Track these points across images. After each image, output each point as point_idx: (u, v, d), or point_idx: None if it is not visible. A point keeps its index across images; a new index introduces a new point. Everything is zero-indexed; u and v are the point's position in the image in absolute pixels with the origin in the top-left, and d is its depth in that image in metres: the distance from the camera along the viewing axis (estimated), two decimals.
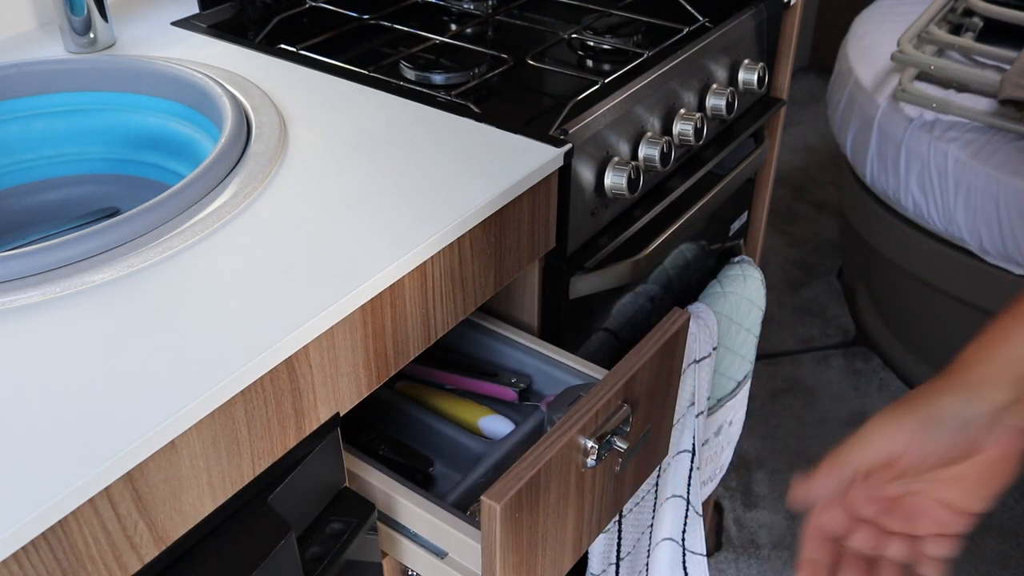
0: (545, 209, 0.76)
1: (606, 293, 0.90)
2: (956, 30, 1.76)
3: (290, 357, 0.55)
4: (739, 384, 1.07)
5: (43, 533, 0.44)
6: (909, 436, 0.55)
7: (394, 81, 0.85)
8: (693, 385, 0.92)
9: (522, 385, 0.82)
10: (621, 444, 0.69)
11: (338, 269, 0.59)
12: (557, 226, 0.79)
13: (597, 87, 0.85)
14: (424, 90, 0.83)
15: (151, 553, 0.51)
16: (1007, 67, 1.59)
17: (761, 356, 1.96)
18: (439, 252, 0.64)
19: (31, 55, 0.89)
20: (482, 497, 0.60)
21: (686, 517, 1.00)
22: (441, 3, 1.08)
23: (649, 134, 0.87)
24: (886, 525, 0.58)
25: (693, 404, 0.93)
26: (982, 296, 1.65)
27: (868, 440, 0.56)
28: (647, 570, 1.01)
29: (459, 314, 0.70)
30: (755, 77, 1.02)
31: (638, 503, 0.93)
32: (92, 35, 0.89)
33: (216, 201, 0.64)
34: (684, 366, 0.89)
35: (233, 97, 0.75)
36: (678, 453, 0.95)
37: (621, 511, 0.91)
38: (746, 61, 1.02)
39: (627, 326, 0.95)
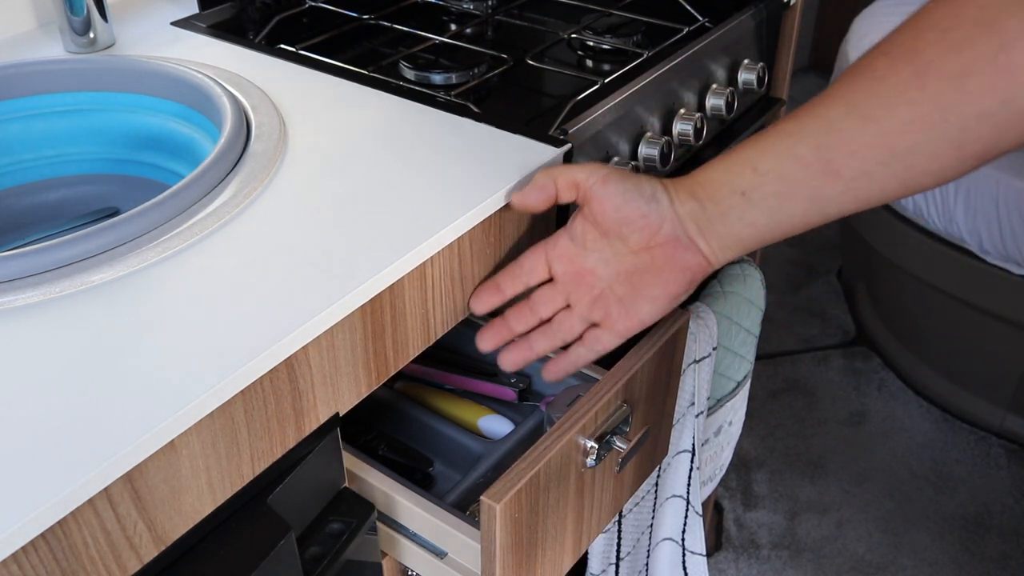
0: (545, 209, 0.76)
1: None
2: None
3: (290, 357, 0.55)
4: (739, 384, 1.07)
5: (42, 533, 0.44)
6: (619, 190, 0.64)
7: (394, 81, 0.85)
8: (693, 385, 0.92)
9: (522, 385, 0.82)
10: (621, 444, 0.69)
11: (338, 269, 0.59)
12: (557, 226, 0.79)
13: (597, 87, 0.85)
14: (424, 90, 0.83)
15: (151, 553, 0.51)
16: None
17: (761, 356, 1.96)
18: (439, 252, 0.64)
19: (31, 55, 0.89)
20: (482, 497, 0.60)
21: (686, 517, 1.00)
22: (441, 3, 1.08)
23: (649, 134, 0.87)
24: (569, 295, 0.69)
25: (693, 404, 0.93)
26: (982, 296, 1.65)
27: (588, 169, 0.66)
28: (647, 570, 1.01)
29: (459, 314, 0.70)
30: (755, 77, 1.02)
31: (638, 503, 0.93)
32: (92, 35, 0.89)
33: (216, 201, 0.64)
34: (684, 366, 0.89)
35: (233, 97, 0.75)
36: (678, 453, 0.95)
37: (621, 511, 0.91)
38: (746, 61, 1.02)
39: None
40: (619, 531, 0.92)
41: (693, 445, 0.95)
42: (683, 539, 1.01)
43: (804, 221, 0.62)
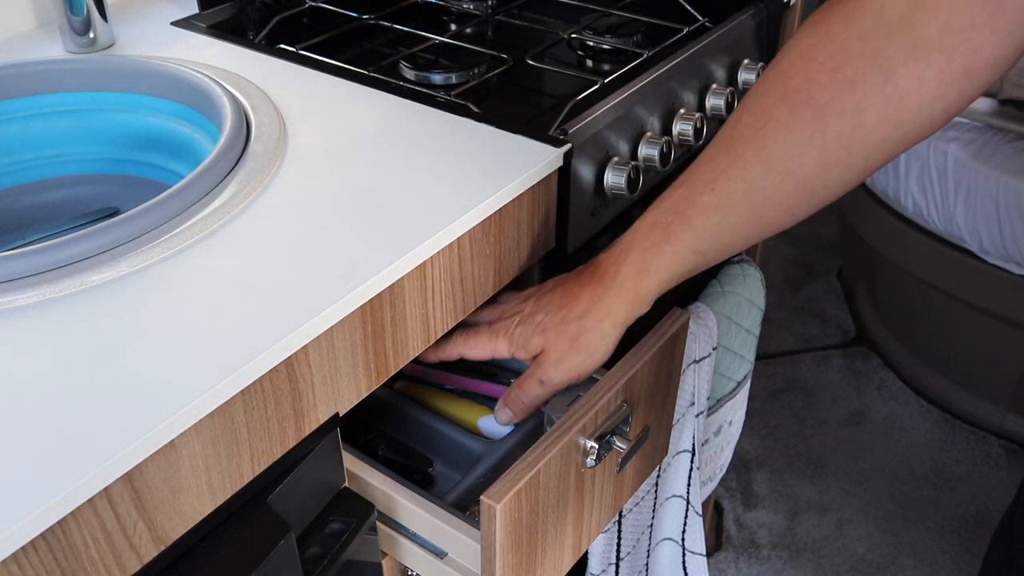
0: (545, 209, 0.76)
1: None
2: None
3: (289, 357, 0.55)
4: (739, 384, 1.07)
5: (42, 533, 0.44)
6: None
7: (394, 81, 0.85)
8: (693, 385, 0.92)
9: None
10: (621, 444, 0.69)
11: (337, 269, 0.59)
12: (557, 226, 0.79)
13: (597, 87, 0.85)
14: (424, 90, 0.83)
15: (150, 553, 0.51)
16: None
17: (761, 356, 1.96)
18: (439, 252, 0.64)
19: (31, 55, 0.89)
20: (481, 497, 0.60)
21: (686, 517, 1.00)
22: (441, 3, 1.08)
23: (649, 134, 0.87)
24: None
25: (693, 404, 0.93)
26: (982, 296, 1.65)
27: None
28: (647, 570, 1.01)
29: (459, 314, 0.70)
30: (755, 77, 1.02)
31: (638, 503, 0.93)
32: (92, 35, 0.89)
33: (216, 201, 0.64)
34: (684, 366, 0.89)
35: (233, 97, 0.75)
36: (678, 453, 0.94)
37: (621, 511, 0.91)
38: (746, 61, 1.02)
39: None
40: (619, 531, 0.92)
41: (693, 445, 0.95)
42: (683, 539, 1.01)
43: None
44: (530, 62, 0.92)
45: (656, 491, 0.95)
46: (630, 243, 0.68)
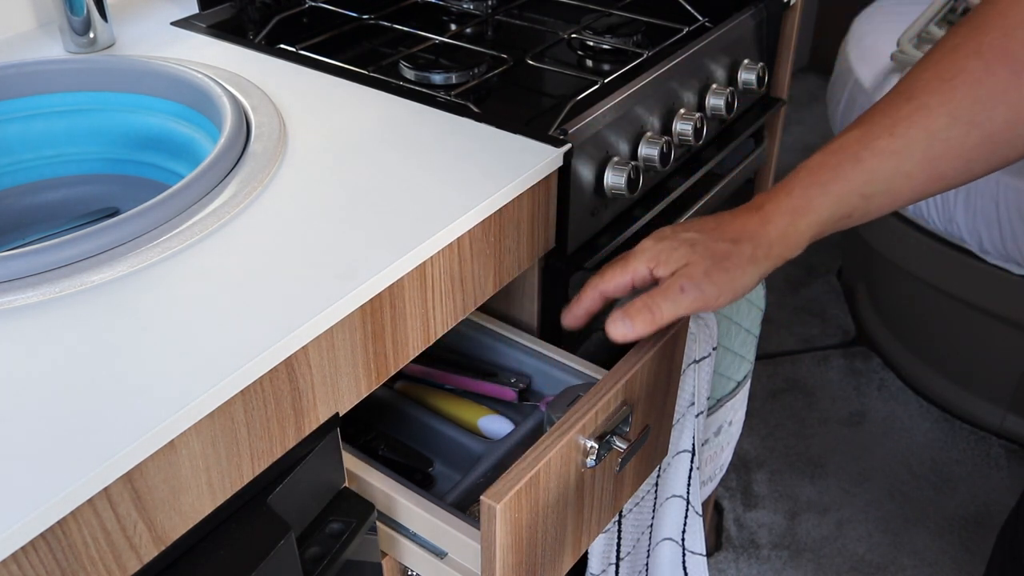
0: (545, 209, 0.76)
1: None
2: None
3: (289, 357, 0.55)
4: (739, 384, 1.07)
5: (42, 533, 0.44)
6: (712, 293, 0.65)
7: (394, 81, 0.85)
8: (693, 385, 0.92)
9: (521, 385, 0.82)
10: (620, 444, 0.69)
11: (337, 269, 0.59)
12: (557, 226, 0.79)
13: (597, 87, 0.85)
14: (424, 90, 0.83)
15: (150, 553, 0.51)
16: None
17: (761, 356, 1.96)
18: (439, 252, 0.64)
19: (31, 55, 0.89)
20: (481, 497, 0.60)
21: (686, 517, 1.00)
22: (441, 3, 1.08)
23: (649, 134, 0.87)
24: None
25: (693, 404, 0.93)
26: (982, 296, 1.65)
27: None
28: (647, 570, 1.01)
29: (459, 314, 0.70)
30: (755, 77, 1.02)
31: (638, 503, 0.93)
32: (92, 35, 0.89)
33: (216, 201, 0.64)
34: (684, 366, 0.89)
35: (233, 97, 0.75)
36: (678, 453, 0.94)
37: (621, 511, 0.91)
38: (746, 61, 1.02)
39: None
40: (619, 531, 0.92)
41: (693, 445, 0.95)
42: (683, 539, 1.01)
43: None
44: (530, 62, 0.92)
45: (656, 491, 0.95)
46: (793, 181, 0.65)
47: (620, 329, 0.66)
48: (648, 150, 0.86)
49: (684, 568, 1.04)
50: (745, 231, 0.65)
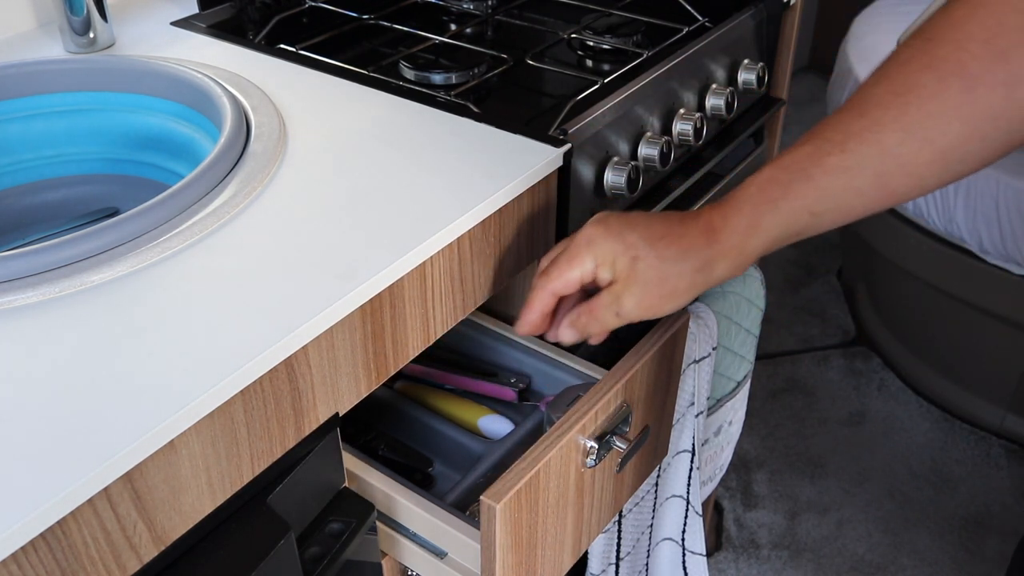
0: (545, 209, 0.76)
1: None
2: None
3: (289, 357, 0.55)
4: (739, 384, 1.07)
5: (42, 533, 0.44)
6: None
7: (394, 81, 0.85)
8: (693, 385, 0.92)
9: (521, 385, 0.82)
10: (620, 444, 0.69)
11: (337, 269, 0.59)
12: (557, 226, 0.79)
13: (597, 87, 0.85)
14: (424, 90, 0.83)
15: (150, 553, 0.51)
16: None
17: (761, 356, 1.96)
18: (438, 252, 0.64)
19: (31, 55, 0.89)
20: (481, 497, 0.60)
21: (686, 517, 1.00)
22: (441, 3, 1.08)
23: (649, 134, 0.87)
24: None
25: (693, 404, 0.93)
26: (982, 296, 1.65)
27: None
28: (647, 570, 1.01)
29: (459, 314, 0.70)
30: (755, 77, 1.02)
31: (638, 503, 0.93)
32: (92, 35, 0.89)
33: (216, 201, 0.64)
34: (684, 366, 0.89)
35: (233, 97, 0.75)
36: (678, 453, 0.94)
37: (621, 511, 0.91)
38: (746, 61, 1.02)
39: (626, 326, 0.95)
40: (619, 531, 0.92)
41: (693, 445, 0.95)
42: (683, 539, 1.01)
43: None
44: (530, 62, 0.92)
45: (656, 491, 0.95)
46: (742, 198, 0.64)
47: (567, 336, 0.68)
48: (648, 150, 0.86)
49: (684, 568, 1.04)
50: (693, 248, 0.64)
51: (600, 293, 0.66)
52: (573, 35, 0.98)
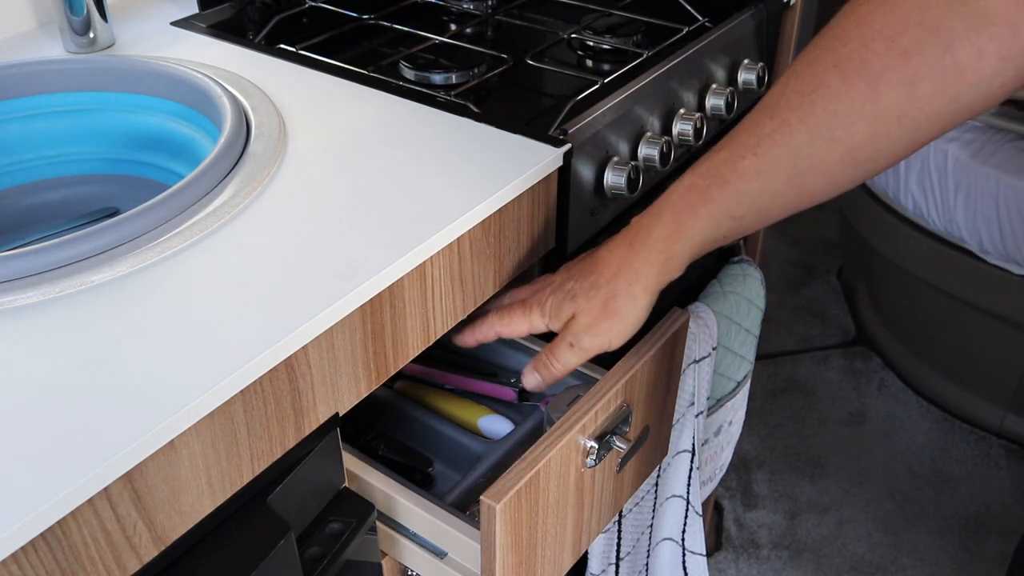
0: (545, 209, 0.76)
1: None
2: None
3: (289, 357, 0.55)
4: (739, 384, 1.07)
5: (42, 533, 0.44)
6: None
7: (394, 81, 0.85)
8: (693, 385, 0.92)
9: (521, 385, 0.82)
10: (620, 444, 0.69)
11: (337, 269, 0.59)
12: (557, 226, 0.79)
13: (597, 87, 0.85)
14: (424, 90, 0.83)
15: (150, 553, 0.51)
16: None
17: (761, 356, 1.96)
18: (439, 252, 0.64)
19: (31, 55, 0.89)
20: (481, 497, 0.60)
21: (686, 517, 1.00)
22: (441, 3, 1.08)
23: (649, 134, 0.87)
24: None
25: (693, 404, 0.93)
26: (982, 296, 1.65)
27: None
28: (647, 570, 1.01)
29: (459, 314, 0.70)
30: (755, 77, 1.02)
31: (638, 503, 0.93)
32: (92, 35, 0.89)
33: (216, 201, 0.64)
34: (684, 366, 0.89)
35: (233, 97, 0.75)
36: (678, 453, 0.94)
37: (621, 511, 0.91)
38: (746, 61, 1.02)
39: None
40: (619, 531, 0.92)
41: (693, 445, 0.95)
42: (683, 539, 1.01)
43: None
44: (530, 62, 0.92)
45: (656, 491, 0.95)
46: (664, 205, 0.65)
47: (532, 382, 0.72)
48: (648, 150, 0.86)
49: (684, 568, 1.04)
50: (622, 264, 0.66)
51: (556, 337, 0.70)
52: (573, 35, 0.98)
